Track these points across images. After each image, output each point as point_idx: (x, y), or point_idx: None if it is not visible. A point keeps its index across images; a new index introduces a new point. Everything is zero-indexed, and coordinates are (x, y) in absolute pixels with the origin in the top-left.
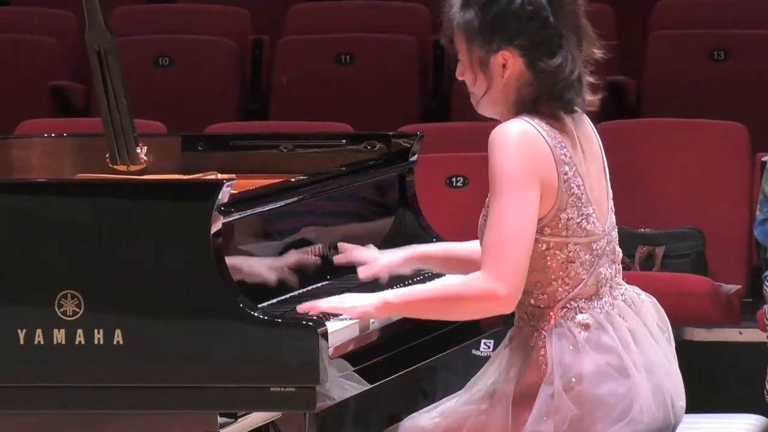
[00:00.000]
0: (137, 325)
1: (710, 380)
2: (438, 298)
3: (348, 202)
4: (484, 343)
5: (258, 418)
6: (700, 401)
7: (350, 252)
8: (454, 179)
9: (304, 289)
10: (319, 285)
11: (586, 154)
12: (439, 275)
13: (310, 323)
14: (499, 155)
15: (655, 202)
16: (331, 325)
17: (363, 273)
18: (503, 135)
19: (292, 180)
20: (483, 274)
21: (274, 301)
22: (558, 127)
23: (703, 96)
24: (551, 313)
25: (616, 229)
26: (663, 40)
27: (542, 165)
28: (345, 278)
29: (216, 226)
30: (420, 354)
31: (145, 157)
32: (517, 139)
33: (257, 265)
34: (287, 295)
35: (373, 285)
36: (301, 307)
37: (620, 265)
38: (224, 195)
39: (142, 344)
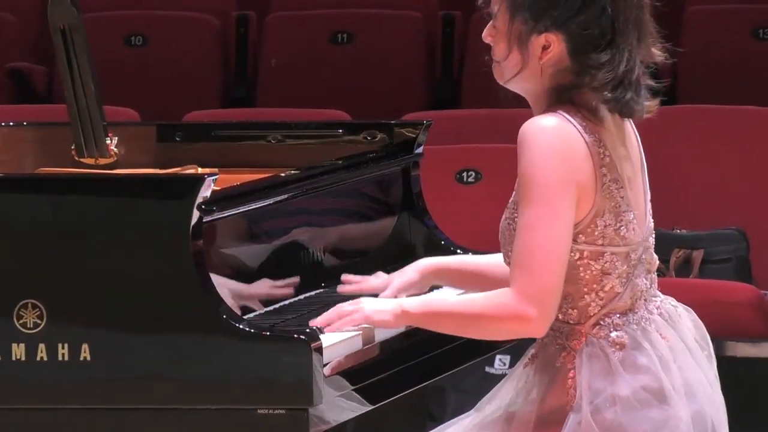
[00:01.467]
0: (106, 339)
1: (756, 402)
2: (462, 314)
3: (345, 199)
4: (500, 360)
5: None
6: (745, 426)
7: (358, 285)
8: (465, 174)
9: (296, 299)
10: (312, 293)
11: (626, 152)
12: None
13: (302, 336)
14: (530, 156)
15: (692, 199)
16: (327, 339)
17: None
18: (536, 132)
19: (282, 175)
20: (511, 293)
21: (262, 311)
22: (596, 122)
23: (746, 79)
24: (582, 331)
25: (653, 235)
26: (701, 16)
27: (579, 166)
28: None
29: (196, 227)
30: (428, 371)
31: (115, 149)
32: (552, 137)
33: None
34: (276, 305)
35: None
36: (314, 322)
37: (655, 274)
38: (205, 191)
39: (111, 361)
